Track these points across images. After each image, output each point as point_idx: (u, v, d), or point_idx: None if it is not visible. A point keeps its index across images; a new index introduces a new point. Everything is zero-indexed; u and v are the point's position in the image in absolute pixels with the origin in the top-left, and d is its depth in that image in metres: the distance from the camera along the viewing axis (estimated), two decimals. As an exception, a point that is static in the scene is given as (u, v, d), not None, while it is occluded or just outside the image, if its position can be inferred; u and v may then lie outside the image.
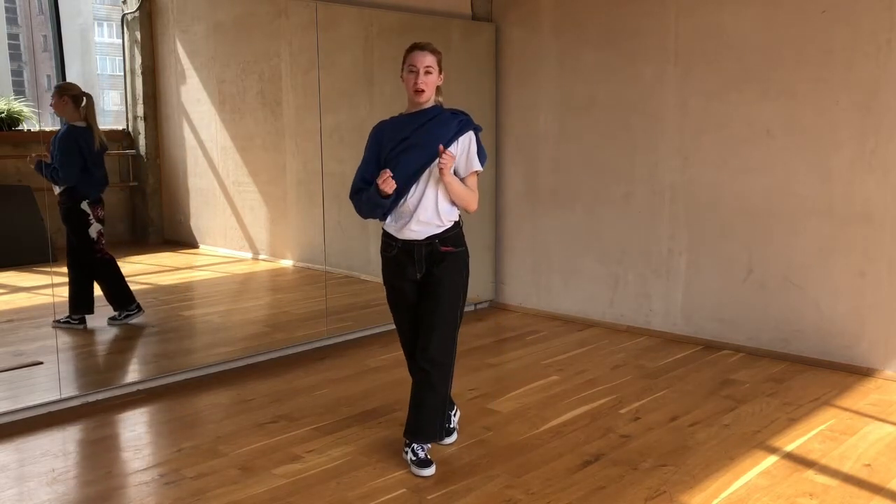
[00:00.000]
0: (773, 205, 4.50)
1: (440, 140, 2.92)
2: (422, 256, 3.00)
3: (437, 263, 3.01)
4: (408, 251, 3.01)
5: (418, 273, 3.02)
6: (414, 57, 2.99)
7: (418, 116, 3.03)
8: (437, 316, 3.01)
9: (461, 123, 3.03)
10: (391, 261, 3.06)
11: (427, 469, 3.03)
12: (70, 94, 4.52)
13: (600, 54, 5.11)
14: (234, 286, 5.84)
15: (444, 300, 3.02)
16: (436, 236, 3.00)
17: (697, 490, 2.93)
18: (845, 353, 4.34)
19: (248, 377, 4.29)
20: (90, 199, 4.61)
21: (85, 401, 3.84)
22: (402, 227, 3.00)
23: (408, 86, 3.01)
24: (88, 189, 4.61)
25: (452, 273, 3.04)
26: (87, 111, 4.56)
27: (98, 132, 4.63)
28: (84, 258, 4.61)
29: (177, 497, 2.88)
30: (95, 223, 4.62)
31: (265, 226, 6.11)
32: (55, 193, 4.57)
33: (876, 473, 3.08)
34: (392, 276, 3.09)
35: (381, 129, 3.10)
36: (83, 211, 4.61)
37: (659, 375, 4.28)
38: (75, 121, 4.58)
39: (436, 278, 3.01)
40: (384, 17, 5.51)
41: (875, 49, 4.07)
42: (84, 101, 4.52)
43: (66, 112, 4.54)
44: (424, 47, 3.01)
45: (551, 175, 5.47)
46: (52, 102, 4.58)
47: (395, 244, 3.04)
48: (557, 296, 5.56)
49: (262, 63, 5.78)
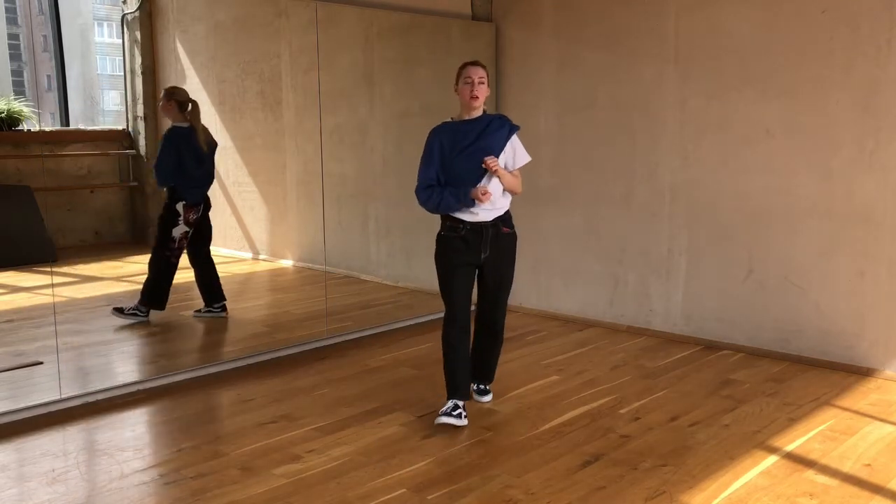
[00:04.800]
0: (773, 205, 4.50)
1: (499, 144, 3.54)
2: (489, 236, 3.56)
3: (500, 245, 3.60)
4: (477, 231, 3.55)
5: (483, 253, 3.57)
6: (469, 70, 3.51)
7: (474, 124, 3.55)
8: (503, 290, 3.71)
9: (509, 129, 3.60)
10: (459, 240, 3.56)
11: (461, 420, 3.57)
12: (177, 98, 4.77)
13: (600, 54, 5.11)
14: (234, 286, 5.84)
15: (508, 277, 3.70)
16: (499, 218, 3.59)
17: (697, 490, 2.93)
18: (845, 353, 4.34)
19: (248, 377, 4.29)
20: (186, 202, 4.84)
21: (85, 401, 3.84)
22: (473, 213, 3.54)
23: (464, 94, 3.51)
24: (186, 190, 4.84)
25: (511, 253, 3.68)
26: (192, 115, 4.81)
27: (203, 135, 4.88)
28: (157, 252, 4.83)
29: (177, 497, 2.88)
30: (182, 225, 4.84)
31: (265, 226, 6.11)
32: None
33: (876, 473, 3.08)
34: (455, 253, 3.58)
35: (439, 133, 3.58)
36: (176, 211, 4.84)
37: (659, 375, 4.28)
38: (178, 123, 4.80)
39: (501, 263, 3.64)
40: (384, 17, 5.51)
41: (875, 49, 4.07)
42: (189, 107, 4.79)
43: (172, 114, 4.81)
44: (477, 63, 3.56)
45: (551, 175, 5.47)
46: (160, 105, 4.91)
47: (463, 226, 3.55)
48: (557, 296, 5.56)
49: (262, 63, 5.78)
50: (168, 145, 4.81)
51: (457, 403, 3.57)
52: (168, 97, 4.82)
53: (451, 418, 3.51)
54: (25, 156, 4.57)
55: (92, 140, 5.51)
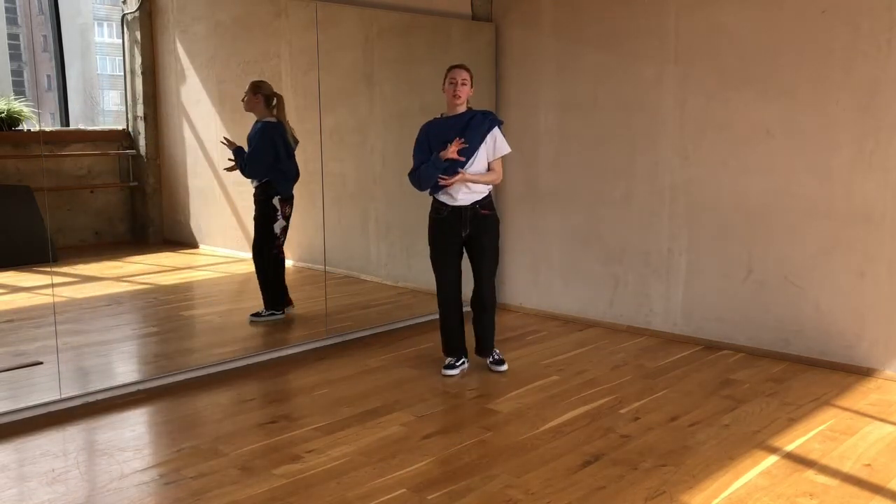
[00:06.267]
0: (773, 205, 4.50)
1: (477, 138, 4.03)
2: (467, 216, 4.10)
3: (479, 224, 4.12)
4: (457, 213, 4.10)
5: (464, 231, 4.11)
6: (453, 73, 4.06)
7: (458, 119, 4.06)
8: (486, 268, 4.22)
9: (490, 123, 4.10)
10: (443, 221, 4.13)
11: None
12: (264, 93, 4.84)
13: (600, 54, 5.11)
14: (234, 286, 5.84)
15: (490, 250, 4.21)
16: (476, 202, 4.11)
17: (697, 490, 2.93)
18: (845, 353, 4.34)
19: (248, 377, 4.29)
20: (281, 196, 4.94)
21: (85, 401, 3.84)
22: (452, 198, 4.08)
23: (448, 94, 4.05)
24: (281, 184, 4.93)
25: (491, 233, 4.20)
26: (278, 109, 4.89)
27: (290, 128, 4.94)
28: (263, 251, 4.95)
29: (177, 497, 2.88)
30: (281, 219, 4.96)
31: (265, 226, 6.10)
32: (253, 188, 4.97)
33: (876, 473, 3.08)
34: (440, 231, 4.16)
35: (428, 127, 4.13)
36: (273, 206, 4.94)
37: (659, 375, 4.28)
38: (266, 117, 4.86)
39: (481, 239, 4.15)
40: (384, 17, 5.51)
41: (875, 49, 4.07)
42: (275, 101, 4.85)
43: (258, 109, 4.88)
44: (461, 66, 4.09)
45: (551, 175, 5.47)
46: (244, 99, 4.93)
47: (445, 209, 4.12)
48: (557, 296, 5.56)
49: (262, 63, 5.78)
50: (262, 139, 4.86)
51: (452, 361, 4.28)
52: (255, 91, 4.87)
53: (453, 370, 4.25)
54: (25, 156, 4.57)
55: (92, 140, 5.51)
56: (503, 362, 4.36)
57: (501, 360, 4.37)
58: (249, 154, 4.88)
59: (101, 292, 5.06)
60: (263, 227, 4.96)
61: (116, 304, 5.09)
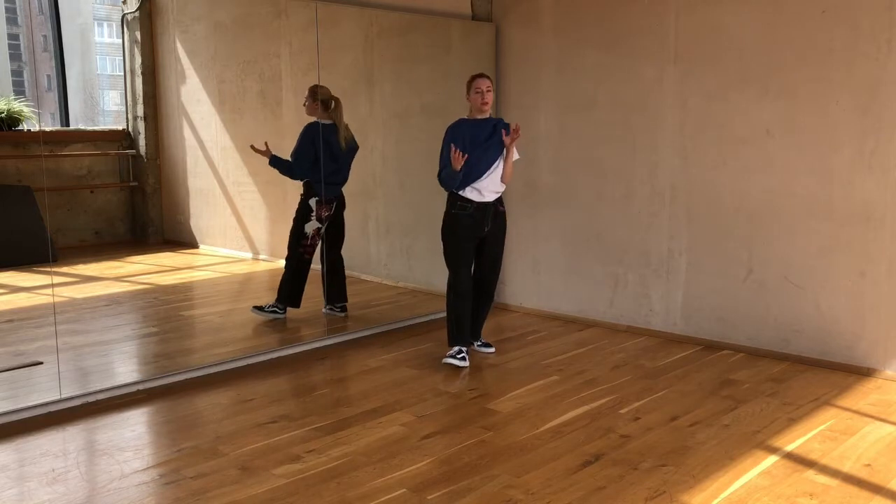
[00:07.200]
0: (773, 205, 4.50)
1: (504, 142, 4.36)
2: (490, 212, 4.39)
3: (498, 219, 4.46)
4: (482, 209, 4.37)
5: (486, 226, 4.40)
6: (479, 82, 4.32)
7: (485, 124, 4.36)
8: (499, 257, 4.60)
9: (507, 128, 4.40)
10: (468, 217, 4.37)
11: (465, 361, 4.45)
12: (321, 98, 4.91)
13: (600, 54, 5.11)
14: (234, 286, 5.85)
15: (501, 246, 4.57)
16: (497, 199, 4.44)
17: (697, 490, 2.93)
18: (845, 353, 4.34)
19: (248, 377, 4.29)
20: (318, 198, 4.96)
21: (85, 401, 3.83)
22: (480, 194, 4.34)
23: (476, 101, 4.33)
24: (318, 186, 4.95)
25: (504, 227, 4.55)
26: (335, 113, 4.96)
27: (344, 133, 5.00)
28: (291, 247, 4.99)
29: (177, 497, 2.88)
30: (314, 221, 4.99)
31: (265, 226, 6.12)
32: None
33: (876, 473, 3.08)
34: (463, 227, 4.38)
35: (457, 128, 4.35)
36: (309, 206, 4.98)
37: (659, 375, 4.28)
38: (323, 120, 4.93)
39: (497, 233, 4.49)
40: (384, 17, 5.51)
41: (875, 49, 4.07)
42: (332, 104, 4.94)
43: (317, 113, 4.95)
44: (484, 75, 4.37)
45: (551, 175, 5.47)
46: (305, 104, 5.02)
47: (471, 205, 4.35)
48: (557, 296, 5.56)
49: (262, 63, 5.78)
50: (301, 139, 4.92)
51: (461, 349, 4.42)
52: (313, 97, 4.92)
53: (456, 360, 4.37)
54: (25, 156, 4.57)
55: (92, 140, 5.52)
56: (491, 345, 4.73)
57: (489, 344, 4.74)
58: (295, 153, 4.97)
59: (101, 292, 5.06)
60: (296, 225, 5.01)
61: (116, 304, 5.10)
